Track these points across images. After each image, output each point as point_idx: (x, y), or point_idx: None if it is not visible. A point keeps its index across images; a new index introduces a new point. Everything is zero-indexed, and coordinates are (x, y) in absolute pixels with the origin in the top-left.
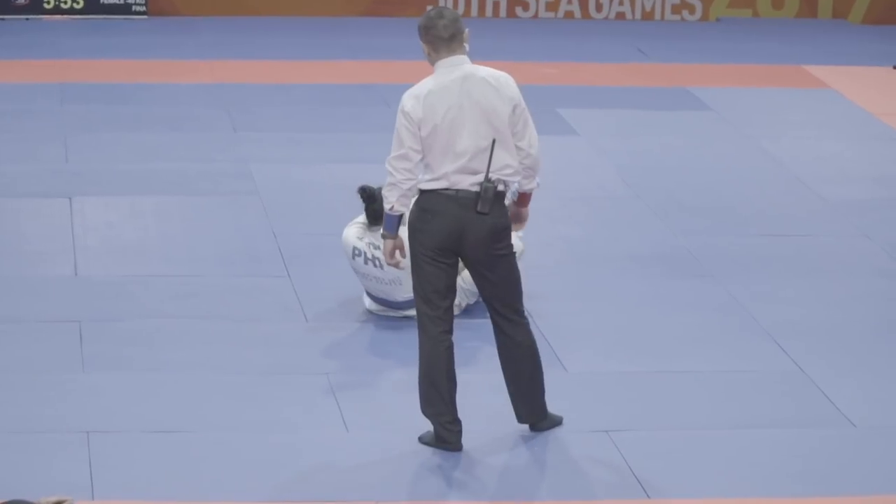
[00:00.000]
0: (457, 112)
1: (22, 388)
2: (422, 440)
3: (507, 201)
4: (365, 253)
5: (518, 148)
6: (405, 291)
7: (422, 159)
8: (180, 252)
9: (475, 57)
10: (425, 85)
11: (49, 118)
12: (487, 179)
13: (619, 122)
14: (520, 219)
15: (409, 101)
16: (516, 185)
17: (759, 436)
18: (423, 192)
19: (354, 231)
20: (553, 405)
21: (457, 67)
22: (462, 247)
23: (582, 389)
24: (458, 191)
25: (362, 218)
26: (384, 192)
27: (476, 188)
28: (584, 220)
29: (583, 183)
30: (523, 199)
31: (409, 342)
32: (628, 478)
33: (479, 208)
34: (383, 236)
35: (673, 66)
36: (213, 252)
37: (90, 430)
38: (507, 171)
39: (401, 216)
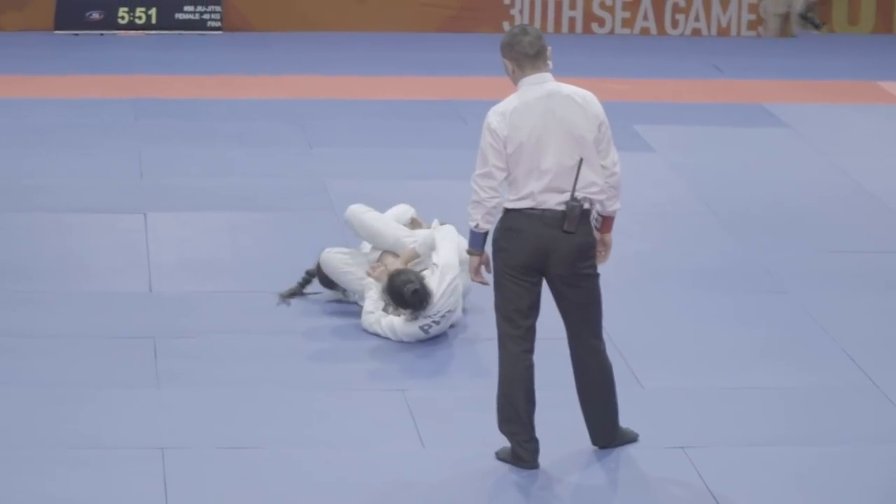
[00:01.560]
0: (542, 130)
1: (96, 404)
2: (498, 456)
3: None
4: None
5: (602, 167)
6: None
7: (506, 177)
8: (253, 268)
9: (553, 73)
10: (510, 102)
11: (123, 133)
12: (573, 198)
13: (694, 139)
14: (603, 245)
15: (494, 118)
16: (598, 207)
17: (834, 452)
18: (507, 211)
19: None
20: (628, 421)
21: (541, 85)
22: (547, 266)
23: (657, 406)
24: (543, 210)
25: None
26: (469, 210)
27: (562, 207)
28: (657, 235)
29: (656, 198)
30: (607, 223)
31: (485, 358)
32: (703, 495)
33: (565, 227)
34: (469, 253)
35: (748, 83)
36: (286, 268)
37: (164, 447)
38: (592, 189)
39: (486, 234)
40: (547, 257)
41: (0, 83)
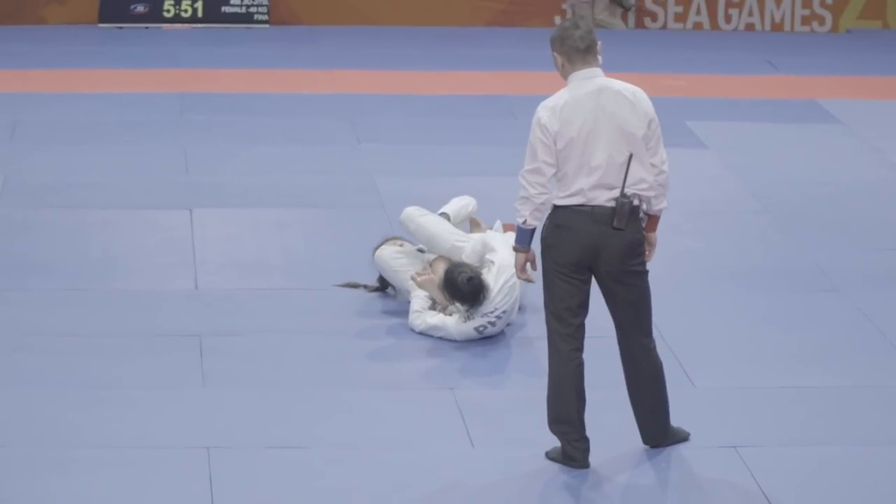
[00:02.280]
0: (592, 125)
1: (142, 403)
2: (549, 455)
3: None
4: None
5: (651, 165)
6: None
7: (555, 173)
8: (302, 266)
9: (603, 68)
10: (561, 97)
11: (169, 129)
12: (623, 195)
13: (747, 135)
14: (649, 244)
15: (544, 113)
16: (645, 205)
17: (889, 453)
18: (556, 208)
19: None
20: (680, 420)
21: (591, 80)
22: (597, 263)
23: (709, 405)
24: (593, 207)
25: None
26: (517, 206)
27: (612, 203)
28: (710, 234)
29: (710, 196)
30: (653, 222)
31: (540, 357)
32: (756, 495)
33: (615, 224)
34: (516, 250)
35: (802, 79)
36: (335, 266)
37: (210, 446)
38: (642, 185)
39: (533, 230)
40: (597, 254)
41: (43, 78)
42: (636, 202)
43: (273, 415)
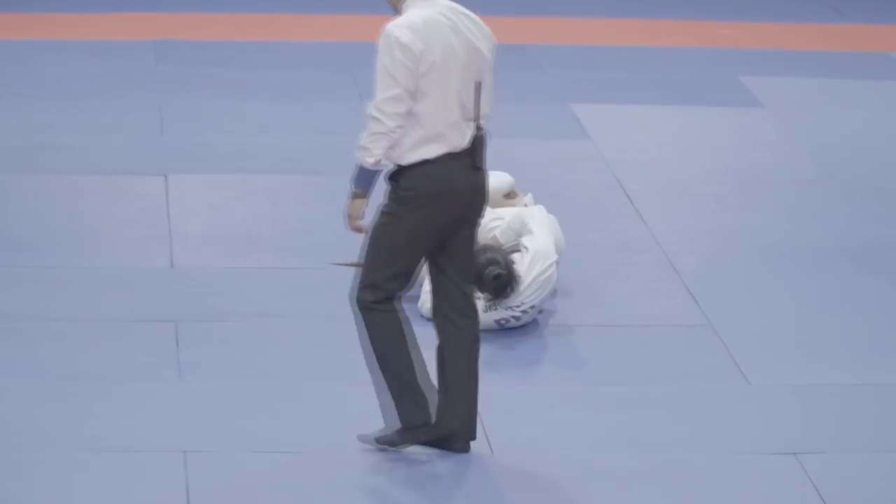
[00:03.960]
0: (450, 49)
1: (109, 399)
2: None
3: None
4: None
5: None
6: None
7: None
8: (296, 241)
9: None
10: (416, 15)
11: (142, 82)
12: (479, 127)
13: (810, 93)
14: None
15: (403, 32)
16: None
17: None
18: (426, 161)
19: None
20: (733, 423)
21: (434, 1)
22: (462, 215)
23: (765, 404)
24: (460, 150)
25: None
26: (365, 143)
27: (469, 143)
28: (766, 207)
29: (766, 163)
30: None
31: (572, 349)
32: None
33: (475, 163)
34: (355, 195)
35: (873, 28)
36: (334, 241)
37: (187, 450)
38: (485, 119)
39: (380, 173)
40: (466, 205)
41: (1, 23)
42: (487, 139)
43: (259, 413)
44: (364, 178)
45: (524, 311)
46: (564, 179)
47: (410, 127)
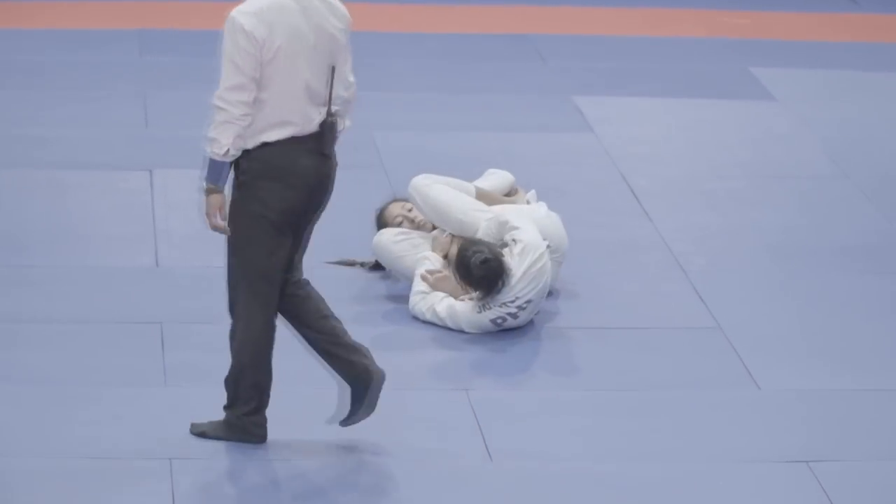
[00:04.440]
0: (297, 34)
1: (92, 404)
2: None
3: None
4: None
5: (346, 81)
6: None
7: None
8: None
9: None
10: (258, 1)
11: (125, 72)
12: (330, 113)
13: (823, 85)
14: None
15: (247, 18)
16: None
17: None
18: (264, 145)
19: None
20: (742, 429)
21: None
22: (309, 199)
23: (776, 411)
24: (307, 135)
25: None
26: (213, 134)
27: (317, 127)
28: (780, 203)
29: (780, 159)
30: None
31: (568, 353)
32: None
33: (325, 150)
34: (209, 191)
35: (888, 18)
36: (327, 237)
37: (173, 457)
38: (338, 102)
39: (231, 165)
40: (317, 192)
41: None
42: (340, 126)
43: None
44: (215, 171)
45: (520, 307)
46: (566, 174)
47: (256, 112)
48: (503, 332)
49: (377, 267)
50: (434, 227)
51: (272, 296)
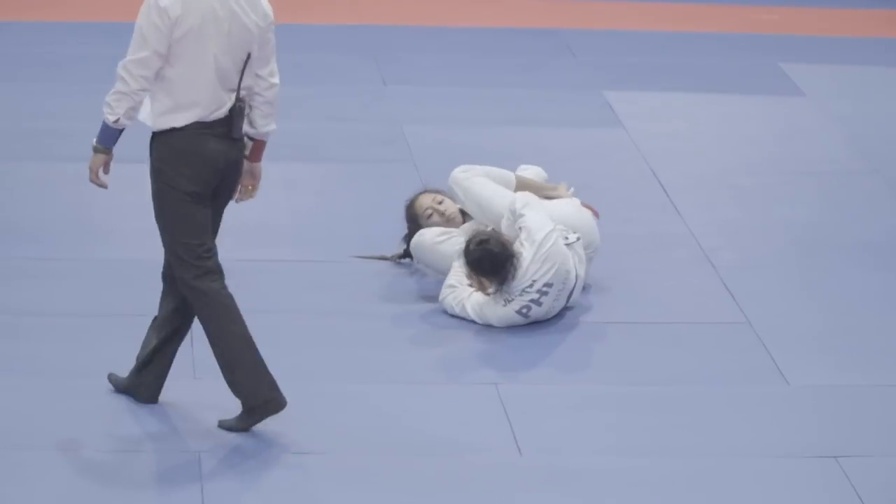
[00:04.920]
0: (211, 18)
1: (118, 397)
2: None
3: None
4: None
5: (258, 77)
6: None
7: (160, 70)
8: (311, 232)
9: None
10: None
11: None
12: (240, 99)
13: (853, 81)
14: (252, 177)
15: None
16: (248, 127)
17: None
18: (173, 129)
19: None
20: (771, 424)
21: None
22: (220, 184)
23: (805, 406)
24: (213, 121)
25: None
26: (109, 100)
27: (226, 112)
28: (809, 199)
29: (809, 154)
30: (258, 148)
31: (603, 347)
32: None
33: (234, 134)
34: (96, 150)
35: None
36: (355, 233)
37: (202, 450)
38: (246, 93)
39: (122, 131)
40: (224, 174)
41: (3, 4)
42: (247, 110)
43: (277, 414)
44: (106, 135)
45: (540, 292)
46: (596, 169)
47: (163, 93)
48: (532, 326)
49: (406, 256)
50: (464, 220)
51: (211, 266)
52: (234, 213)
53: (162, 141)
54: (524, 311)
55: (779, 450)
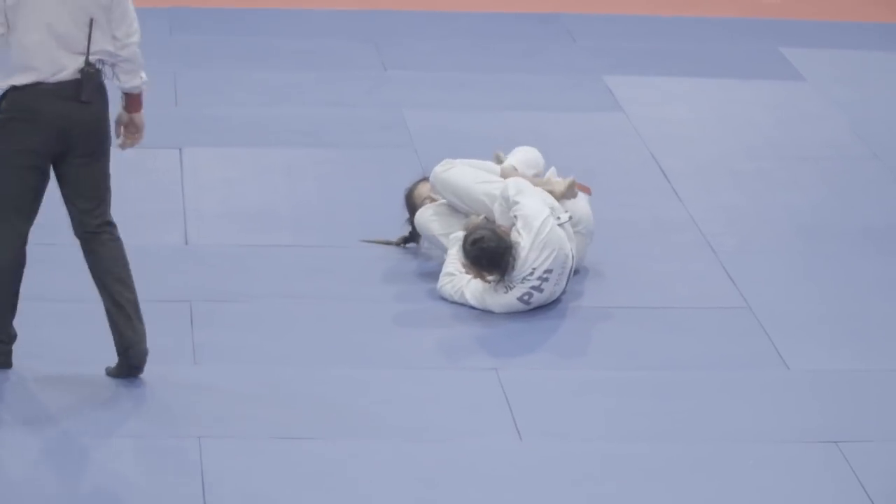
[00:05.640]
0: None
1: (120, 383)
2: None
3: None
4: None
5: (114, 38)
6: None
7: (4, 35)
8: (314, 217)
9: None
10: None
11: (155, 51)
12: (89, 63)
13: (854, 66)
14: (134, 126)
15: None
16: (118, 83)
17: None
18: (13, 88)
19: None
20: (772, 409)
21: None
22: (65, 146)
23: (806, 391)
24: (57, 82)
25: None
26: None
27: (77, 75)
28: (810, 184)
29: (809, 139)
30: (134, 101)
31: (601, 332)
32: (860, 499)
33: (83, 97)
34: None
35: None
36: (355, 218)
37: (202, 435)
38: (104, 55)
39: None
40: (67, 136)
41: None
42: (102, 73)
43: (277, 398)
44: None
45: (541, 279)
46: (597, 155)
47: (5, 56)
48: (532, 311)
49: (409, 240)
50: None
51: (20, 227)
52: (232, 198)
53: (6, 98)
54: (525, 297)
55: (779, 435)
